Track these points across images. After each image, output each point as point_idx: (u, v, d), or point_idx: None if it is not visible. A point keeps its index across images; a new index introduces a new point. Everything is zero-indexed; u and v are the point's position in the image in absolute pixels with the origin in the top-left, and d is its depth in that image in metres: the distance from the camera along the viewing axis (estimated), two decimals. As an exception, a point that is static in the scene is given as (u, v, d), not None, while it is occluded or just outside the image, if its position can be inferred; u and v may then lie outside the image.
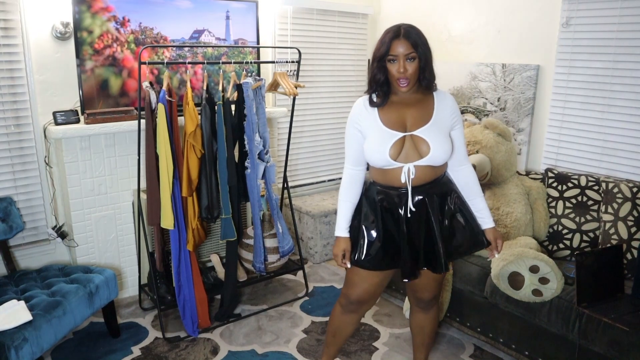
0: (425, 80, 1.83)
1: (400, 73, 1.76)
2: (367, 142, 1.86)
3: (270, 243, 2.98)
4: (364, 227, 1.93)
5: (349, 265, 1.96)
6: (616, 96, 2.75)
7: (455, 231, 1.92)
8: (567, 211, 2.68)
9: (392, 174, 1.85)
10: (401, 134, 1.82)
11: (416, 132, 1.82)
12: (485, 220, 1.97)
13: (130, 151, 2.93)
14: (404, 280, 1.93)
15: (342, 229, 1.96)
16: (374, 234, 1.91)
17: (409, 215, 1.87)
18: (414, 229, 1.88)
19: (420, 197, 1.85)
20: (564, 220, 2.67)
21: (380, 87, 1.84)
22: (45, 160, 2.82)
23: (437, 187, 1.89)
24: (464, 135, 1.94)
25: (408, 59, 1.75)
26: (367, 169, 1.98)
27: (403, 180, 1.83)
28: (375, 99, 1.86)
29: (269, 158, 2.84)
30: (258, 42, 3.33)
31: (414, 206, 1.86)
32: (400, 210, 1.87)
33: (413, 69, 1.77)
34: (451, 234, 1.92)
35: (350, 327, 2.17)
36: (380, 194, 1.90)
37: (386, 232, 1.90)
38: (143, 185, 2.76)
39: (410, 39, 1.75)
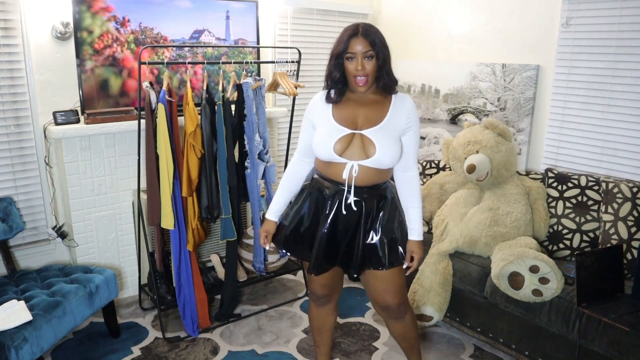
0: (382, 80, 1.83)
1: (358, 71, 1.78)
2: (315, 134, 1.89)
3: (270, 243, 2.98)
4: (292, 212, 2.00)
5: (267, 247, 2.08)
6: (616, 96, 2.75)
7: (378, 242, 1.90)
8: (567, 211, 2.68)
9: (335, 169, 1.86)
10: (349, 131, 1.83)
11: (364, 132, 1.82)
12: (412, 232, 1.94)
13: (130, 151, 2.93)
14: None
15: (270, 212, 2.05)
16: (298, 220, 1.97)
17: (343, 212, 1.87)
18: (340, 227, 1.89)
19: (357, 199, 1.86)
20: (564, 220, 2.67)
21: (335, 84, 1.86)
22: (45, 160, 2.82)
23: (376, 193, 1.89)
24: (417, 142, 1.92)
25: (366, 57, 1.77)
26: None
27: (344, 177, 1.83)
28: (332, 95, 1.89)
29: (269, 158, 2.84)
30: (258, 42, 3.33)
31: (348, 206, 1.86)
32: (331, 205, 1.88)
33: (371, 67, 1.78)
34: (373, 244, 1.89)
35: (330, 318, 2.22)
36: (318, 184, 1.94)
37: (311, 222, 1.93)
38: (143, 185, 2.76)
39: (368, 37, 1.76)
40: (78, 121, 2.73)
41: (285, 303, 3.11)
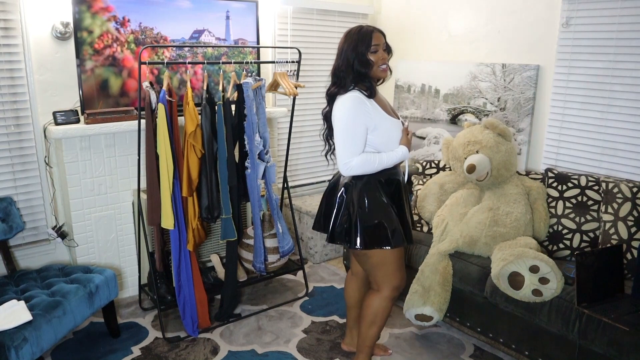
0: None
1: (384, 60, 2.05)
2: (382, 131, 2.07)
3: (270, 243, 2.98)
4: (391, 208, 2.11)
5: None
6: (616, 96, 2.75)
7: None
8: (567, 211, 2.68)
9: None
10: (400, 121, 2.18)
11: (402, 121, 2.21)
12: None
13: (130, 151, 2.93)
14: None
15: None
16: (393, 213, 2.13)
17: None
18: (404, 199, 2.21)
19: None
20: (564, 220, 2.67)
21: (363, 80, 2.05)
22: (45, 160, 2.82)
23: None
24: None
25: (384, 49, 2.06)
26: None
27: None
28: (365, 92, 2.06)
29: (269, 158, 2.84)
30: (258, 42, 3.33)
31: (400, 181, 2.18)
32: (399, 185, 2.16)
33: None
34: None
35: None
36: (379, 176, 2.11)
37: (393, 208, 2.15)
38: (143, 185, 2.76)
39: (382, 33, 2.07)
40: (78, 121, 2.73)
41: (285, 303, 3.11)
